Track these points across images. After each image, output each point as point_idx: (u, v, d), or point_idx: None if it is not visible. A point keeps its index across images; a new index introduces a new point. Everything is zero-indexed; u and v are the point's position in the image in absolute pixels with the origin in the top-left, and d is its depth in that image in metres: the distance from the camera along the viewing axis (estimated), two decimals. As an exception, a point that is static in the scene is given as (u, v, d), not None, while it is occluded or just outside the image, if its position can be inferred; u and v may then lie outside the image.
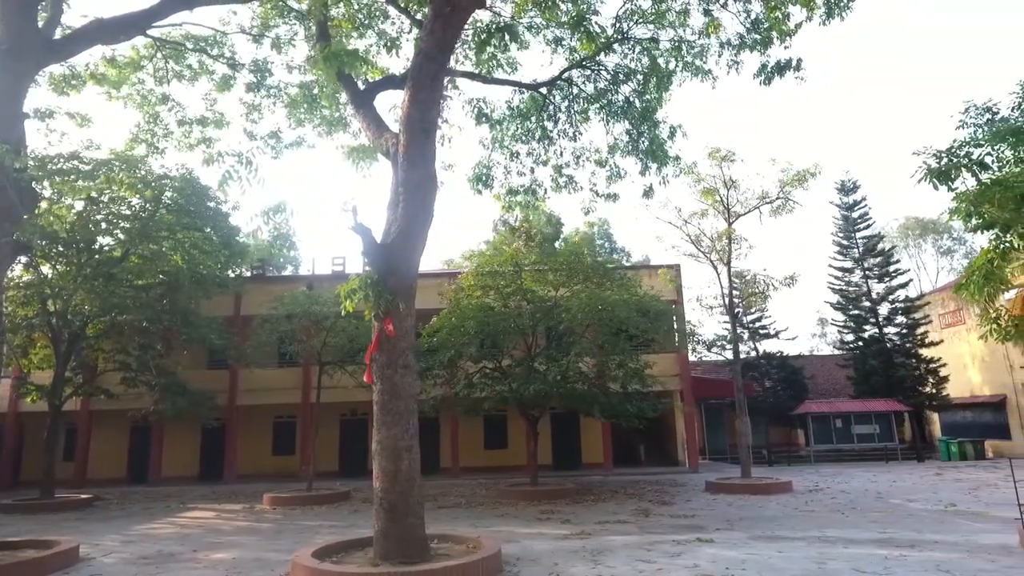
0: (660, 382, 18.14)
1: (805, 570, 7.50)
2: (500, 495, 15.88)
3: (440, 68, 7.26)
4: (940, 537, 9.37)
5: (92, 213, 19.04)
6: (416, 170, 7.59)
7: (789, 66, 11.80)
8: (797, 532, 10.04)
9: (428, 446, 23.29)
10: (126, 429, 23.07)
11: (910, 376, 24.83)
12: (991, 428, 24.99)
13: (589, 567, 7.96)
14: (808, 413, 24.55)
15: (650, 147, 14.48)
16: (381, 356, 8.13)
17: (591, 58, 14.67)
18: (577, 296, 14.70)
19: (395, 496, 7.98)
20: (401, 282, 8.03)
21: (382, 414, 8.09)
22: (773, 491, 15.15)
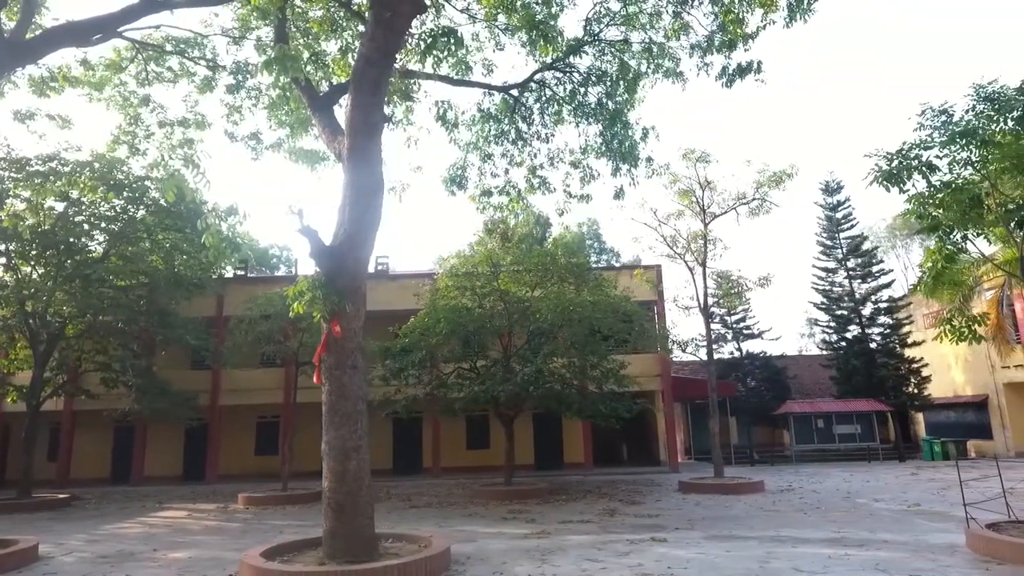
0: (637, 383, 18.21)
1: (747, 569, 7.56)
2: (474, 495, 15.95)
3: (382, 73, 7.34)
4: (891, 537, 9.44)
5: (74, 214, 19.18)
6: (361, 173, 7.66)
7: (750, 69, 11.88)
8: (754, 532, 10.10)
9: (410, 446, 23.47)
10: (110, 429, 23.15)
11: (892, 376, 24.89)
12: (974, 428, 25.05)
13: (535, 566, 8.03)
14: (790, 413, 24.61)
15: (619, 149, 14.57)
16: (329, 357, 8.21)
17: (562, 60, 14.78)
18: (548, 297, 14.77)
19: (342, 496, 8.05)
20: (349, 284, 8.10)
21: (330, 415, 8.17)
22: (744, 491, 15.22)
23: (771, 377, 26.60)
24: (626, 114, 15.30)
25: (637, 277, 18.35)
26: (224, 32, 16.04)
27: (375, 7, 7.04)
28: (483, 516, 12.70)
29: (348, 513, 8.07)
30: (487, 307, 16.75)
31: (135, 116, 17.01)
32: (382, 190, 7.97)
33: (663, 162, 16.15)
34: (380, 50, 7.14)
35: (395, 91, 9.68)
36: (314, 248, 7.98)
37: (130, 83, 16.87)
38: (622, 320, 14.84)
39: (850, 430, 24.17)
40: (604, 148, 15.17)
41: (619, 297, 15.31)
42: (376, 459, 23.05)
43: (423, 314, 16.37)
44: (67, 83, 15.76)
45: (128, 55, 16.33)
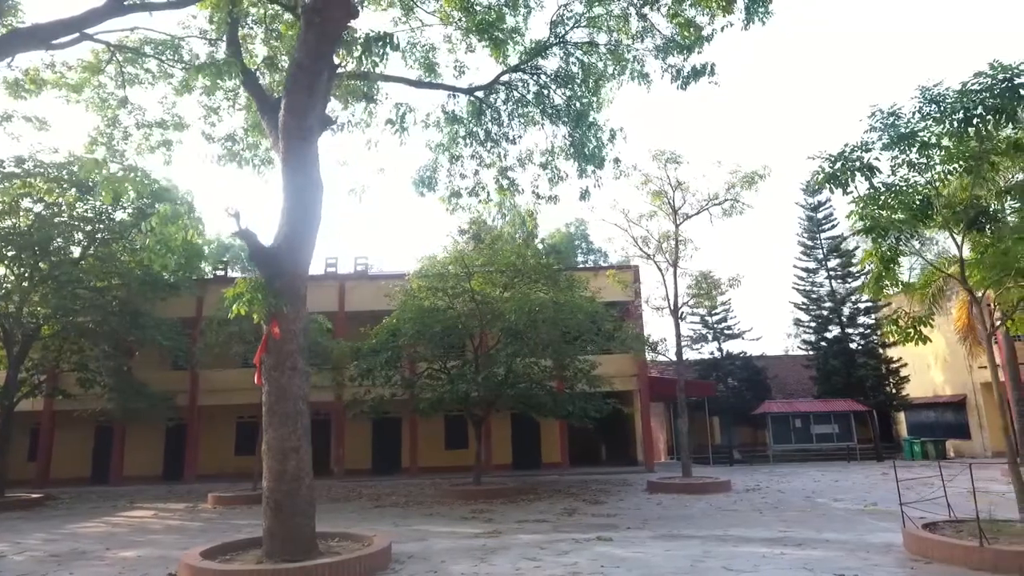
0: (610, 383, 18.29)
1: (677, 568, 7.64)
2: (443, 495, 16.02)
3: (314, 77, 7.42)
4: (834, 536, 9.51)
5: (51, 216, 19.28)
6: (297, 176, 7.74)
7: (704, 71, 11.97)
8: (702, 531, 10.17)
9: (389, 446, 23.55)
10: (90, 429, 23.27)
11: (870, 376, 24.94)
12: (953, 428, 25.10)
13: (472, 565, 8.11)
14: (768, 413, 24.67)
15: (584, 150, 14.65)
16: (269, 359, 8.28)
17: (526, 63, 14.86)
18: (514, 298, 14.85)
19: (281, 495, 8.13)
20: (287, 285, 8.18)
21: (269, 415, 8.24)
22: (710, 491, 15.29)
23: (751, 377, 26.67)
24: (591, 116, 15.39)
25: (610, 278, 18.41)
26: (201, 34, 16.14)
27: (305, 12, 7.12)
28: (444, 516, 12.78)
29: (286, 512, 8.15)
30: (457, 308, 16.82)
31: (113, 118, 17.10)
32: (319, 193, 8.04)
33: (633, 164, 16.09)
34: (311, 55, 7.22)
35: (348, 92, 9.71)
36: (252, 250, 8.06)
37: (108, 85, 16.98)
38: (590, 321, 14.89)
39: (828, 430, 24.23)
40: (571, 150, 15.26)
41: (586, 298, 15.38)
42: (355, 459, 23.29)
43: (394, 315, 16.47)
44: (35, 86, 15.87)
45: (105, 57, 16.44)
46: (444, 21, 13.62)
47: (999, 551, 7.06)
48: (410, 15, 13.97)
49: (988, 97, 9.11)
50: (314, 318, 16.94)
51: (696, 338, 28.28)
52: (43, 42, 13.93)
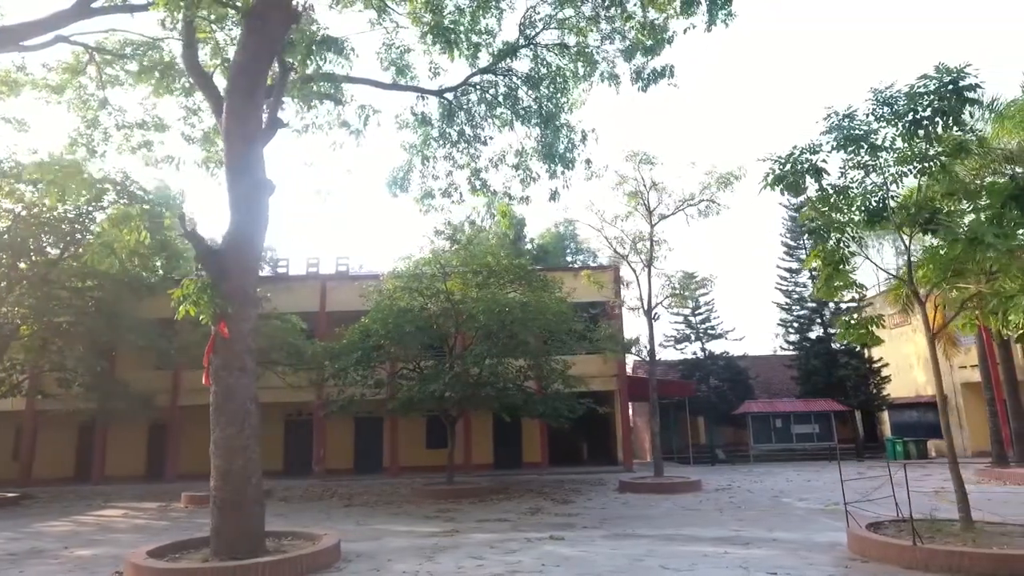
0: (585, 382, 18.32)
1: (615, 567, 7.71)
2: (415, 494, 16.10)
3: (256, 81, 7.49)
4: (784, 535, 9.58)
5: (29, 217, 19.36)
6: (241, 179, 7.82)
7: (664, 73, 12.06)
8: (655, 530, 10.24)
9: (371, 446, 23.64)
10: (73, 428, 23.38)
11: (851, 376, 24.98)
12: (935, 428, 25.09)
13: (417, 563, 8.18)
14: (748, 413, 24.72)
15: (549, 151, 14.73)
16: (216, 359, 8.36)
17: (494, 64, 14.94)
18: (482, 299, 14.92)
19: (227, 494, 8.21)
20: (235, 287, 8.25)
21: (216, 415, 8.31)
22: (680, 490, 15.36)
23: (733, 377, 26.72)
24: (562, 117, 15.46)
25: (585, 279, 18.47)
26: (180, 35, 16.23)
27: (246, 16, 7.20)
28: (409, 515, 12.86)
29: (233, 511, 8.23)
30: (431, 308, 16.91)
31: (93, 119, 17.18)
32: (265, 195, 8.11)
33: (605, 164, 16.14)
34: (253, 58, 7.29)
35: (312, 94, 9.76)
36: (199, 252, 8.14)
37: (89, 86, 17.05)
38: (559, 321, 14.94)
39: (808, 430, 24.28)
40: (541, 151, 15.33)
41: (555, 299, 15.43)
42: (337, 459, 23.38)
43: (368, 315, 16.55)
44: (7, 88, 15.96)
45: (85, 59, 16.51)
46: (414, 23, 13.70)
47: (931, 550, 7.13)
48: (383, 16, 14.07)
49: (936, 99, 9.17)
50: (288, 318, 17.04)
51: (679, 338, 28.31)
52: (13, 43, 14.04)
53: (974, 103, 8.97)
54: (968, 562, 6.83)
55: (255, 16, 7.15)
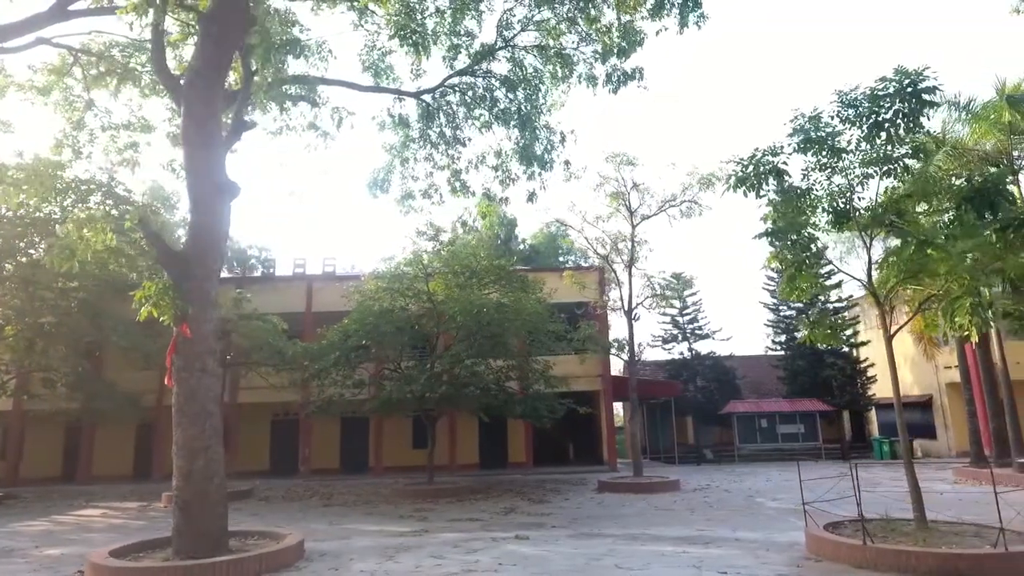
0: (566, 382, 18.40)
1: (571, 566, 7.78)
2: (394, 494, 16.17)
3: (213, 85, 7.56)
4: (747, 535, 9.66)
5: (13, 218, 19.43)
6: (201, 182, 7.89)
7: (634, 75, 12.13)
8: (621, 530, 10.31)
9: (357, 446, 23.72)
10: (61, 428, 23.47)
11: (837, 376, 25.04)
12: (920, 427, 25.19)
13: (377, 563, 8.25)
14: (733, 413, 24.78)
15: (527, 152, 14.80)
16: (178, 360, 8.42)
17: (471, 67, 15.02)
18: (459, 299, 14.99)
19: (189, 495, 8.28)
20: (196, 287, 8.31)
21: (178, 415, 8.38)
22: (657, 490, 15.42)
23: (719, 377, 26.78)
24: (542, 118, 15.54)
25: (566, 279, 18.54)
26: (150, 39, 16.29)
27: (202, 21, 7.27)
28: (383, 515, 12.93)
29: (194, 511, 8.30)
30: (412, 309, 16.97)
31: (79, 120, 17.25)
32: (226, 198, 8.18)
33: (583, 166, 16.20)
34: (209, 63, 7.36)
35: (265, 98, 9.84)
36: (160, 254, 8.22)
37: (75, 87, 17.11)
38: (536, 322, 14.99)
39: (793, 430, 24.34)
40: (519, 152, 15.40)
41: (532, 299, 15.49)
42: (324, 459, 23.45)
43: (348, 316, 16.63)
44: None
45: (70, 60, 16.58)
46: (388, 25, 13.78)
47: (879, 549, 7.20)
48: (364, 18, 14.16)
49: (897, 101, 9.24)
50: (269, 319, 17.11)
51: (667, 338, 28.37)
52: (-14, 45, 14.08)
53: (933, 105, 9.01)
54: (914, 561, 6.90)
55: (210, 20, 7.21)
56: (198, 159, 7.73)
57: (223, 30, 7.26)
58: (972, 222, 8.70)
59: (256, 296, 23.36)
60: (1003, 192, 8.30)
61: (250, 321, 16.66)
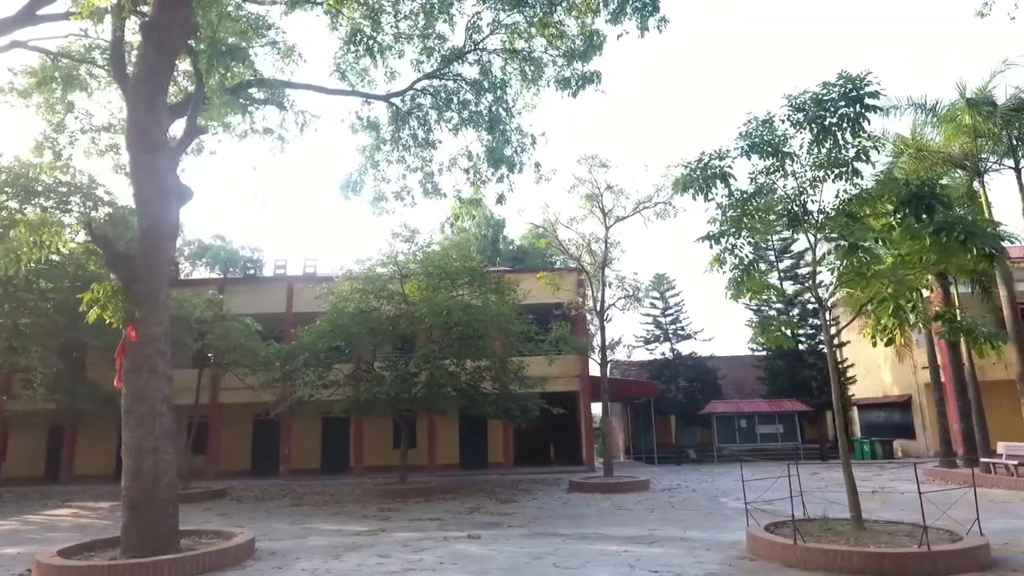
0: (541, 383, 18.47)
1: (510, 565, 7.89)
2: (366, 494, 16.29)
3: (155, 91, 7.67)
4: (695, 534, 9.78)
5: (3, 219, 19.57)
6: (146, 186, 8.00)
7: (592, 79, 12.25)
8: (574, 529, 10.43)
9: (337, 446, 23.84)
10: (44, 429, 23.61)
11: (816, 377, 25.14)
12: (901, 428, 25.29)
13: (322, 562, 8.36)
14: (713, 413, 24.87)
15: (496, 154, 14.91)
16: (127, 361, 8.54)
17: (442, 69, 15.14)
18: (427, 300, 15.10)
19: (136, 494, 8.39)
20: (144, 290, 8.43)
21: (127, 416, 8.50)
22: (626, 490, 15.53)
23: (700, 377, 26.88)
24: (513, 120, 15.64)
25: (541, 281, 18.63)
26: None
27: (143, 29, 7.39)
28: (347, 514, 13.04)
29: (142, 510, 8.41)
30: (387, 310, 17.09)
31: (59, 123, 17.36)
32: (171, 201, 8.30)
33: (553, 168, 16.31)
34: (151, 69, 7.48)
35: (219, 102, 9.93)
36: (108, 257, 8.33)
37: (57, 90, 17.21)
38: (503, 323, 15.09)
39: (772, 430, 24.43)
40: (487, 154, 15.51)
41: (499, 301, 15.60)
42: (304, 459, 23.56)
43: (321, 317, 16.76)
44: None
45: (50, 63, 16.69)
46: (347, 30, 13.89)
47: (808, 548, 7.31)
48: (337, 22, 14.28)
49: (843, 105, 9.35)
50: (242, 319, 17.23)
51: (649, 339, 28.47)
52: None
53: (876, 110, 9.11)
54: (840, 560, 7.01)
55: (151, 27, 7.33)
56: (142, 164, 7.85)
57: (164, 37, 7.38)
58: (912, 225, 8.82)
59: (238, 297, 23.55)
60: (938, 196, 8.38)
61: (224, 322, 16.77)
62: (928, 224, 8.23)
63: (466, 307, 14.50)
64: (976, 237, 7.98)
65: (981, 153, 14.96)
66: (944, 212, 8.28)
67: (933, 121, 15.65)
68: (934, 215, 8.38)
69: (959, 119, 14.51)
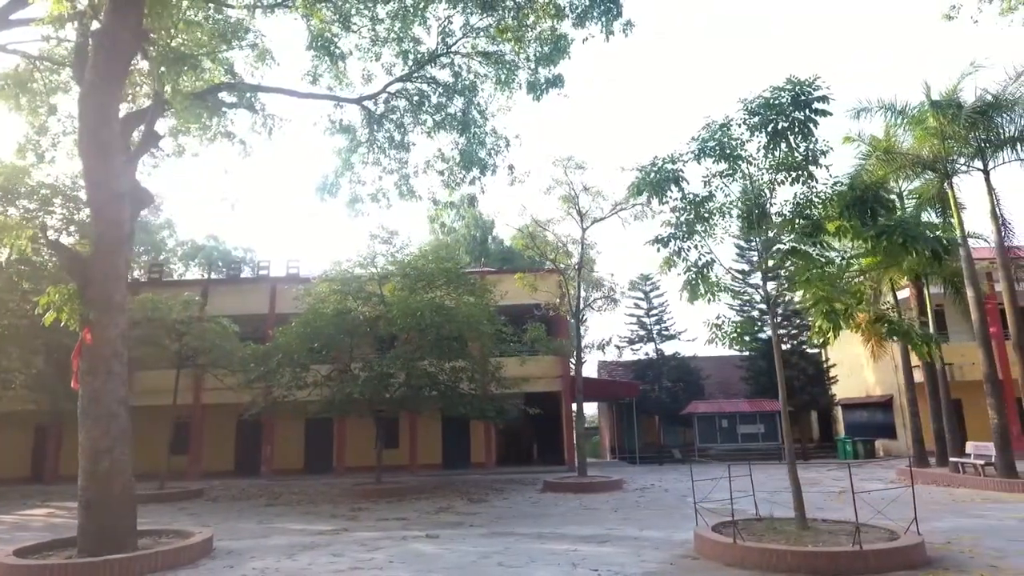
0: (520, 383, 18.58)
1: (458, 564, 8.01)
2: (341, 493, 16.42)
3: (106, 97, 7.78)
4: (650, 534, 9.92)
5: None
6: (99, 191, 8.13)
7: (555, 83, 12.36)
8: (533, 528, 10.55)
9: (321, 446, 23.97)
10: (30, 429, 23.77)
11: (798, 377, 25.23)
12: (883, 427, 25.41)
13: (275, 560, 8.48)
14: (694, 413, 24.98)
15: (467, 157, 15.03)
16: (83, 363, 8.66)
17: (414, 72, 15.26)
18: (397, 302, 15.22)
19: (92, 494, 8.51)
20: (100, 293, 8.54)
21: (82, 417, 8.62)
22: (598, 490, 15.65)
23: (684, 377, 26.99)
24: (484, 123, 15.75)
25: (518, 282, 18.75)
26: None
27: (93, 36, 7.50)
28: (317, 514, 13.16)
29: (97, 510, 8.53)
30: (365, 311, 17.21)
31: (41, 125, 17.44)
32: (125, 207, 8.41)
33: (526, 171, 16.40)
34: (102, 75, 7.59)
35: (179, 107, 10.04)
36: (62, 260, 8.45)
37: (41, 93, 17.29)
38: (471, 324, 15.19)
39: (753, 430, 24.54)
40: (459, 157, 15.63)
41: (469, 302, 15.70)
42: (288, 459, 23.70)
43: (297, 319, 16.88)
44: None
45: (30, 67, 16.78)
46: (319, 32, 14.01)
47: (746, 547, 7.42)
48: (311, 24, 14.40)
49: (793, 110, 9.47)
50: (219, 320, 17.36)
51: (633, 339, 28.58)
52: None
53: (825, 114, 9.23)
54: (775, 559, 7.13)
55: (102, 34, 7.45)
56: (94, 169, 7.97)
57: (114, 45, 7.49)
58: (859, 228, 8.95)
59: (221, 298, 23.70)
60: (881, 200, 8.51)
61: (201, 323, 16.91)
62: (871, 228, 8.36)
63: (438, 308, 14.61)
64: (916, 240, 8.10)
65: (950, 155, 15.04)
66: (886, 216, 8.39)
67: (903, 123, 15.75)
68: (877, 218, 8.50)
69: (926, 121, 14.60)
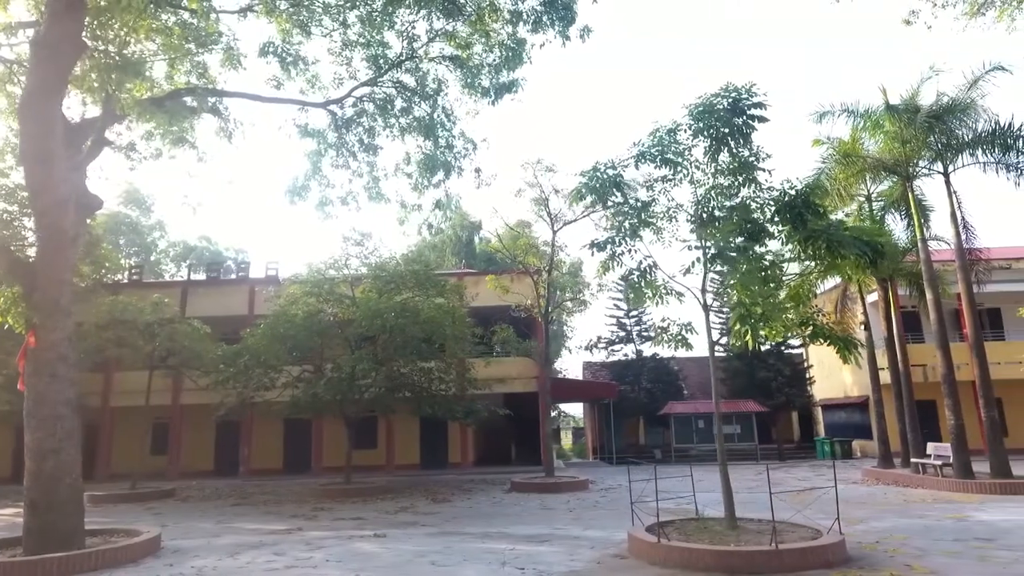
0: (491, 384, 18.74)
1: (394, 563, 8.17)
2: (308, 493, 16.58)
3: (47, 105, 7.93)
4: (592, 534, 10.08)
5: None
6: (40, 198, 8.29)
7: (510, 87, 12.52)
8: (483, 528, 10.71)
9: (299, 446, 24.12)
10: (11, 430, 23.89)
11: (774, 377, 25.38)
12: (860, 428, 25.53)
13: (216, 559, 8.63)
14: (671, 414, 25.12)
15: (432, 160, 15.18)
16: (28, 366, 8.82)
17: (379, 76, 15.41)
18: (366, 304, 15.38)
19: (37, 494, 8.66)
20: (45, 297, 8.69)
21: (28, 419, 8.77)
22: (564, 490, 15.80)
23: (662, 378, 27.13)
24: (452, 126, 15.89)
25: (489, 283, 18.90)
26: None
27: (33, 45, 7.66)
28: (278, 514, 13.31)
29: (42, 510, 8.67)
30: (336, 313, 17.37)
31: None
32: (67, 213, 8.56)
33: (493, 173, 16.57)
34: (42, 84, 7.75)
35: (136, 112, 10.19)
36: (6, 265, 8.60)
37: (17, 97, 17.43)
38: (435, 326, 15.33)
39: (729, 430, 24.68)
40: (426, 159, 15.76)
41: (433, 305, 15.85)
42: (267, 459, 23.86)
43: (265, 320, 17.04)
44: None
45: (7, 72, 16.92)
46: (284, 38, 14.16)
47: (669, 546, 7.58)
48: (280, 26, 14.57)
49: (732, 116, 9.62)
50: (190, 322, 17.52)
51: (612, 340, 28.73)
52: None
53: (762, 120, 9.38)
54: (695, 558, 7.28)
55: (41, 45, 7.61)
56: (35, 176, 8.13)
57: (52, 54, 7.66)
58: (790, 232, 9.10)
59: (200, 299, 23.87)
60: (810, 205, 8.65)
61: (172, 324, 17.07)
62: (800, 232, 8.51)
63: (402, 310, 14.76)
64: (841, 245, 8.24)
65: (911, 159, 15.18)
66: (813, 220, 8.55)
67: (866, 127, 15.88)
68: (806, 224, 8.66)
69: (884, 125, 14.74)
